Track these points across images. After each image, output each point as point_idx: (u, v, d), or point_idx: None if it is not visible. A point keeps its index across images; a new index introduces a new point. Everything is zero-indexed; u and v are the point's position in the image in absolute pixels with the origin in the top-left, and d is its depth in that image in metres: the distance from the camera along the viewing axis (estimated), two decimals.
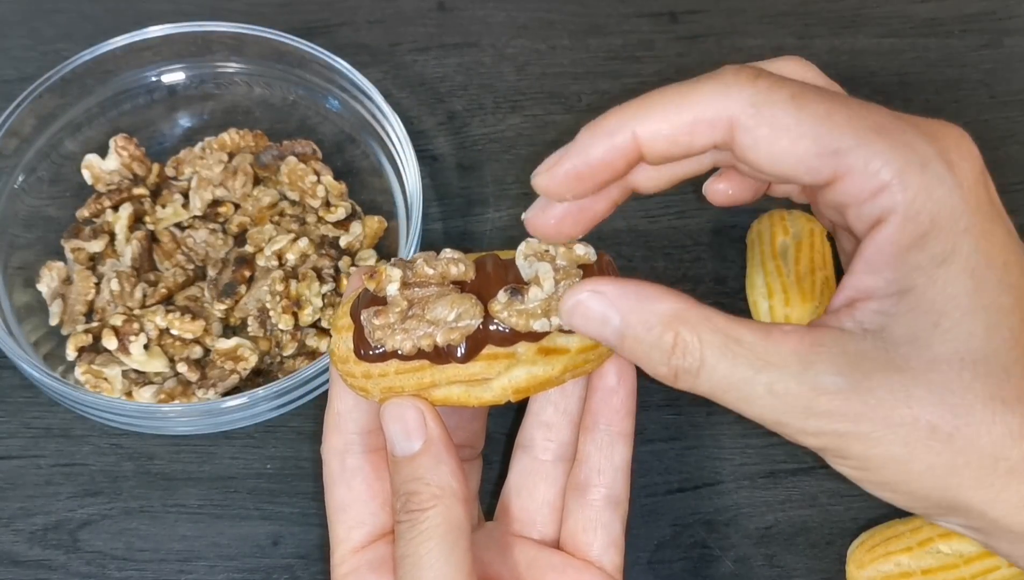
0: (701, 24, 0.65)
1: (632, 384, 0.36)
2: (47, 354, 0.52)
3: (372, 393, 0.33)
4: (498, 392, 0.33)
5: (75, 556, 0.49)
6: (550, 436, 0.38)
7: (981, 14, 0.67)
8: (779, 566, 0.49)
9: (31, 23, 0.65)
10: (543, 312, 0.32)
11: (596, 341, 0.32)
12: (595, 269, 0.34)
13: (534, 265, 0.33)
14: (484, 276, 0.34)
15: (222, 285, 0.54)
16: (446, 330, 0.32)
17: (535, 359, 0.33)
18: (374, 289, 0.33)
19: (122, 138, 0.57)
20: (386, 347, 0.32)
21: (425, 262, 0.33)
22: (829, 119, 0.30)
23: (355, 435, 0.36)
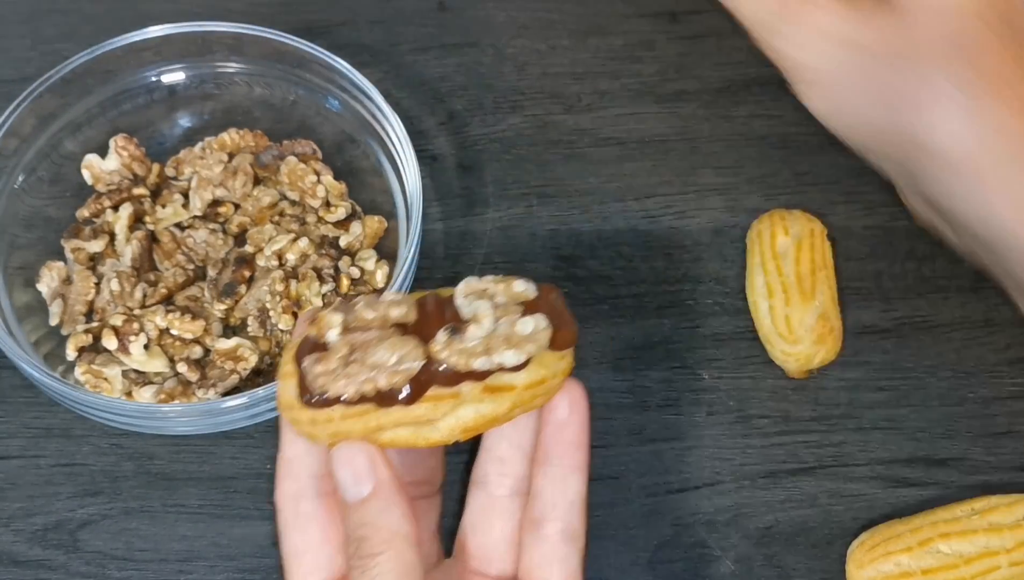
0: (701, 24, 0.65)
1: (584, 416, 0.36)
2: (47, 354, 0.52)
3: (320, 438, 0.33)
4: (446, 432, 0.33)
5: (75, 556, 0.49)
6: (504, 471, 0.37)
7: None
8: (779, 566, 0.49)
9: (31, 23, 0.65)
10: (484, 350, 0.32)
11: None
12: (539, 304, 0.34)
13: (473, 303, 0.33)
14: (425, 317, 0.34)
15: (222, 285, 0.54)
16: (388, 374, 0.32)
17: (481, 397, 0.33)
18: (315, 335, 0.33)
19: (122, 138, 0.57)
20: (329, 393, 0.32)
21: (365, 306, 0.34)
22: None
23: (308, 480, 0.36)
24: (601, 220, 0.59)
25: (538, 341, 0.33)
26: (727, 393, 0.53)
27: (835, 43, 0.40)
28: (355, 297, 0.35)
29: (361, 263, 0.55)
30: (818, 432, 0.52)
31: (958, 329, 0.55)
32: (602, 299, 0.56)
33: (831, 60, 0.41)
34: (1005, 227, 0.38)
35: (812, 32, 0.40)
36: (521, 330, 0.33)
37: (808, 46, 0.41)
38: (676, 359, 0.55)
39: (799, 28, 0.40)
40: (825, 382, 0.54)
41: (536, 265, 0.57)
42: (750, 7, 0.42)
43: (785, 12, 0.41)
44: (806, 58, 0.41)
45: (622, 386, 0.54)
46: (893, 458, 0.52)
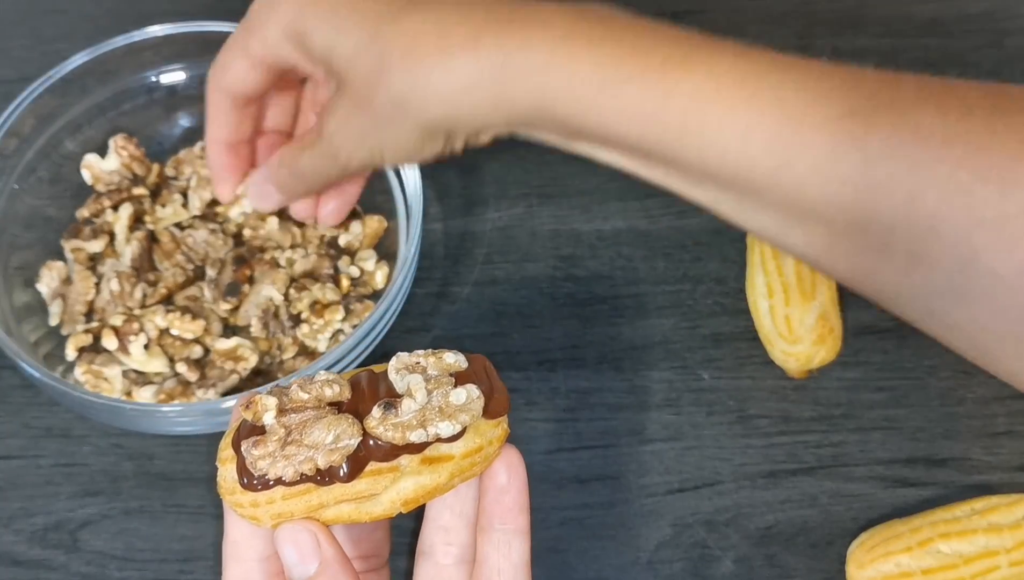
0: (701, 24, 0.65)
1: (523, 480, 0.36)
2: (47, 354, 0.52)
3: (263, 521, 0.34)
4: (387, 506, 0.34)
5: (75, 556, 0.49)
6: (449, 540, 0.37)
7: (981, 14, 0.67)
8: (779, 566, 0.49)
9: (31, 23, 0.65)
10: (419, 423, 0.33)
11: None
12: (470, 374, 0.35)
13: (406, 378, 0.34)
14: (359, 394, 0.34)
15: (224, 285, 0.54)
16: (326, 452, 0.33)
17: (420, 469, 0.33)
18: (251, 419, 0.34)
19: (122, 138, 0.57)
20: (269, 476, 0.33)
21: (299, 387, 0.34)
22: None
23: (254, 563, 0.36)
24: (601, 220, 0.59)
25: (472, 410, 0.34)
26: (727, 393, 0.53)
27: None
28: (287, 381, 0.36)
29: (361, 263, 0.55)
30: (818, 432, 0.52)
31: None
32: (602, 299, 0.56)
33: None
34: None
35: None
36: (454, 401, 0.33)
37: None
38: (676, 359, 0.55)
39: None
40: (825, 382, 0.54)
41: (536, 265, 0.57)
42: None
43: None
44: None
45: (622, 386, 0.54)
46: (893, 458, 0.52)
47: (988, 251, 0.32)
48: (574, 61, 0.37)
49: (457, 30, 0.38)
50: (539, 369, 0.54)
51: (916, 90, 0.36)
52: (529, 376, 0.54)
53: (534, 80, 0.38)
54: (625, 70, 0.37)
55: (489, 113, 0.39)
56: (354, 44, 0.40)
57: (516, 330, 0.56)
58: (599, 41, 0.38)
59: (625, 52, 0.37)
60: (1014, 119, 0.33)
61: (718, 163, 0.37)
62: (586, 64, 0.37)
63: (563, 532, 0.50)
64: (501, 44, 0.38)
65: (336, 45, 0.41)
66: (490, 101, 0.39)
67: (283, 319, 0.53)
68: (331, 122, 0.42)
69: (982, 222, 0.32)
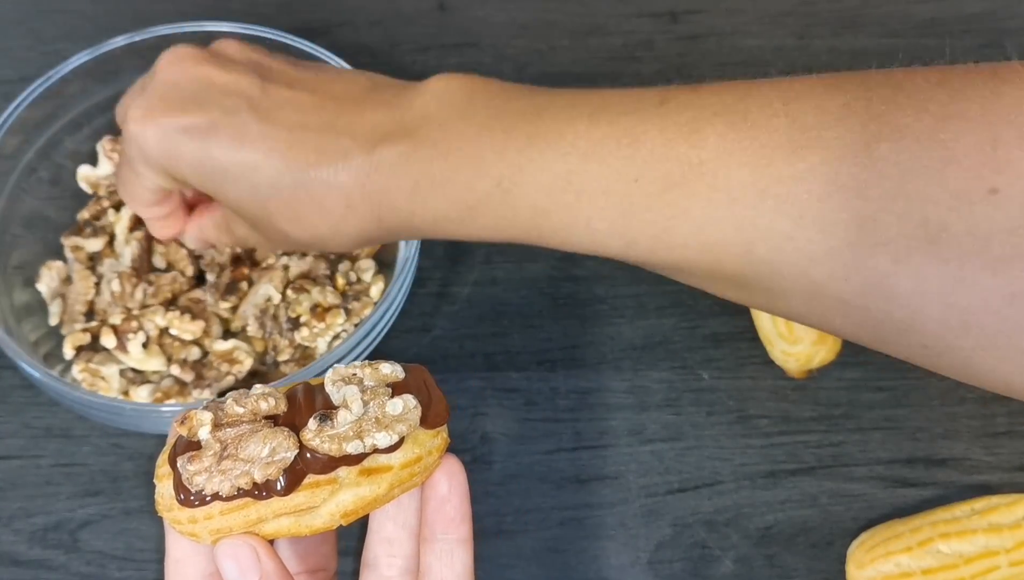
0: (701, 24, 0.65)
1: (464, 489, 0.36)
2: (46, 354, 0.52)
3: (202, 537, 0.34)
4: (327, 518, 0.34)
5: (75, 556, 0.49)
6: (393, 551, 0.37)
7: (981, 14, 0.67)
8: (779, 566, 0.49)
9: (31, 23, 0.65)
10: (355, 434, 0.33)
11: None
12: (408, 385, 0.35)
13: (342, 389, 0.34)
14: (296, 406, 0.34)
15: (223, 286, 0.54)
16: (263, 466, 0.32)
17: (359, 481, 0.33)
18: (186, 434, 0.34)
19: (108, 141, 0.57)
20: (206, 491, 0.33)
21: (234, 401, 0.34)
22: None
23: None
24: None
25: (409, 420, 0.34)
26: (727, 393, 0.53)
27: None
28: (224, 395, 0.36)
29: (358, 273, 0.55)
30: (818, 432, 0.52)
31: None
32: (602, 299, 0.56)
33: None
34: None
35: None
36: (391, 411, 0.33)
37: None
38: (676, 359, 0.55)
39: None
40: (825, 382, 0.54)
41: (536, 265, 0.57)
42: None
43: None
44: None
45: (622, 386, 0.54)
46: (893, 458, 0.52)
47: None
48: (392, 187, 0.40)
49: (307, 201, 0.41)
50: (539, 369, 0.54)
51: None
52: (529, 376, 0.54)
53: (386, 227, 0.42)
54: (461, 180, 0.39)
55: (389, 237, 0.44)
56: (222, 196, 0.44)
57: (516, 330, 0.56)
58: (434, 150, 0.41)
59: (462, 163, 0.40)
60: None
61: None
62: (423, 183, 0.40)
63: (563, 532, 0.50)
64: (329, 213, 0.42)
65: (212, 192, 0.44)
66: (373, 235, 0.43)
67: (281, 321, 0.53)
68: (243, 231, 0.46)
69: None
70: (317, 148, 0.41)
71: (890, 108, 0.32)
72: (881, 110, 0.32)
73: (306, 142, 0.41)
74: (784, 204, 0.33)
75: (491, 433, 0.53)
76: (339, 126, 0.41)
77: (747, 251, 0.34)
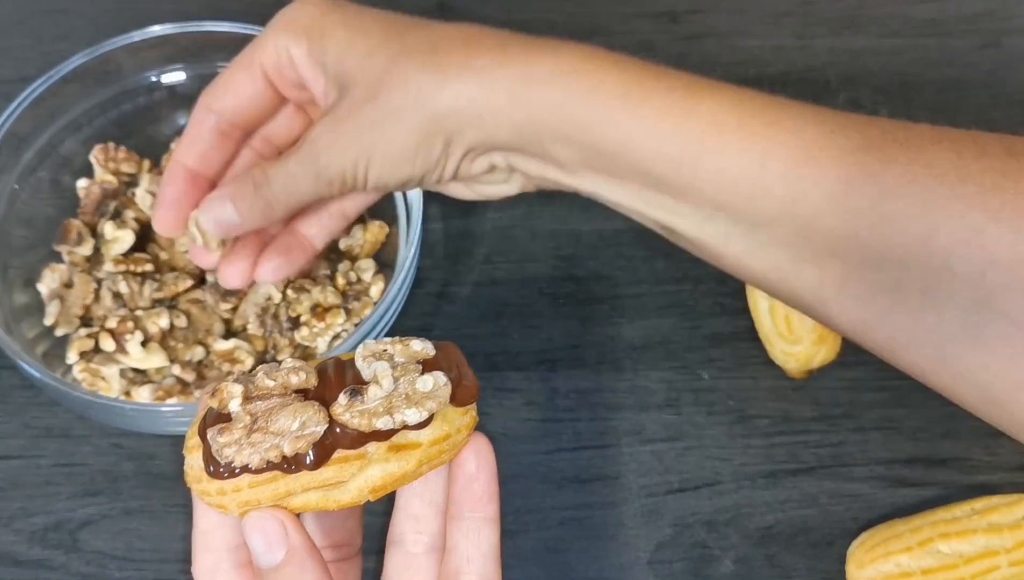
0: (701, 24, 0.65)
1: (492, 468, 0.36)
2: (45, 353, 0.52)
3: (230, 509, 0.34)
4: (355, 493, 0.34)
5: (75, 556, 0.49)
6: (420, 528, 0.37)
7: (981, 14, 0.67)
8: (779, 566, 0.49)
9: (31, 23, 0.65)
10: (385, 410, 0.33)
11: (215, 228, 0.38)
12: (438, 362, 0.35)
13: (372, 365, 0.34)
14: (326, 381, 0.34)
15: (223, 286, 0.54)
16: (292, 440, 0.32)
17: (387, 457, 0.33)
18: (217, 407, 0.34)
19: (99, 150, 0.57)
20: (235, 463, 0.33)
21: (265, 375, 0.34)
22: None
23: (224, 552, 0.36)
24: (602, 220, 0.59)
25: (438, 397, 0.33)
26: (727, 393, 0.53)
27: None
28: (254, 369, 0.36)
29: (358, 273, 0.55)
30: (818, 432, 0.52)
31: None
32: (602, 299, 0.56)
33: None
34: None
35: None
36: (421, 388, 0.33)
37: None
38: (676, 359, 0.55)
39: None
40: (825, 382, 0.54)
41: (536, 265, 0.57)
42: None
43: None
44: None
45: (622, 386, 0.54)
46: (893, 458, 0.52)
47: (1002, 292, 0.32)
48: (599, 72, 0.38)
49: (484, 40, 0.40)
50: (539, 369, 0.54)
51: (930, 131, 0.35)
52: (529, 376, 0.54)
53: (557, 86, 0.38)
54: (648, 85, 0.38)
55: (500, 122, 0.39)
56: (371, 44, 0.40)
57: (516, 330, 0.56)
58: (624, 64, 0.39)
59: (648, 74, 0.38)
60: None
61: (732, 190, 0.36)
62: (610, 78, 0.38)
63: (563, 532, 0.50)
64: (527, 53, 0.39)
65: (352, 45, 0.41)
66: (506, 106, 0.39)
67: (281, 320, 0.53)
68: (318, 126, 0.41)
69: (996, 262, 0.32)
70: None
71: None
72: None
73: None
74: None
75: (491, 433, 0.53)
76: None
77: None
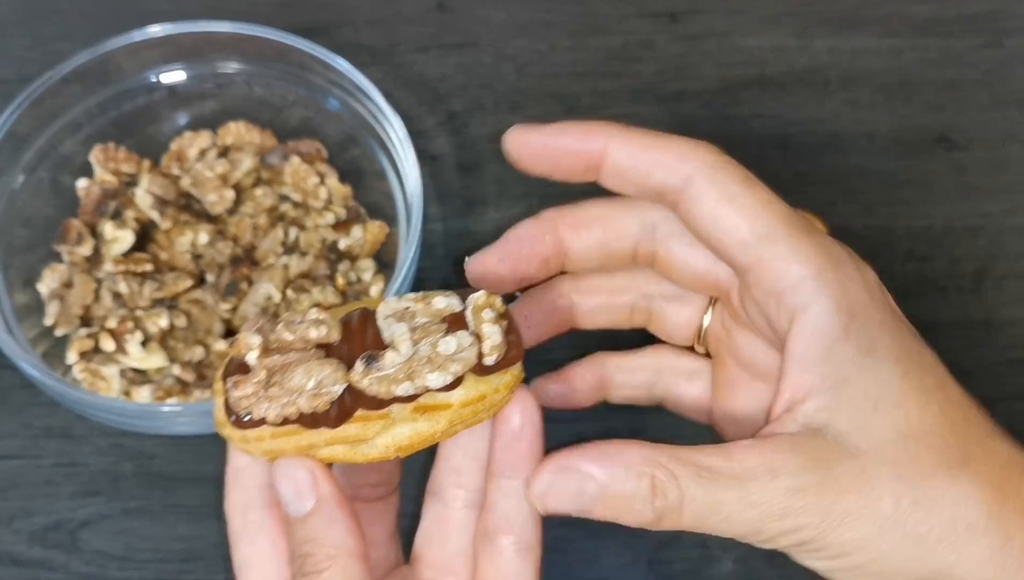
0: (701, 24, 0.65)
1: (538, 426, 0.35)
2: (45, 353, 0.52)
3: (255, 454, 0.33)
4: (383, 449, 0.32)
5: (75, 556, 0.49)
6: (460, 482, 0.37)
7: (981, 14, 0.67)
8: (779, 566, 0.49)
9: (31, 23, 0.65)
10: (406, 376, 0.31)
11: (575, 514, 0.33)
12: (465, 319, 0.33)
13: (391, 327, 0.32)
14: (349, 336, 0.33)
15: (223, 286, 0.54)
16: (309, 398, 0.31)
17: (414, 417, 0.32)
18: (235, 357, 0.33)
19: (99, 151, 0.57)
20: (253, 415, 0.32)
21: (284, 327, 0.33)
22: (770, 206, 0.35)
23: (256, 490, 0.35)
24: None
25: (464, 359, 0.32)
26: None
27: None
28: (276, 317, 0.34)
29: (358, 273, 0.55)
30: None
31: (958, 329, 0.55)
32: None
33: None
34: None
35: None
36: (444, 350, 0.32)
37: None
38: None
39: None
40: None
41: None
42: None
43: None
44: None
45: None
46: None
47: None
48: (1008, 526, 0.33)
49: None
50: (539, 369, 0.54)
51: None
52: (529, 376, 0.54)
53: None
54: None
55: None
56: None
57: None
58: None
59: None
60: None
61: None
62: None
63: (563, 532, 0.50)
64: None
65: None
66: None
67: None
68: (791, 495, 0.32)
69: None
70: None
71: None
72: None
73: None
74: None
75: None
76: None
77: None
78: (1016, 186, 0.60)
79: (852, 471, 0.32)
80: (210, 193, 0.55)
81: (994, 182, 0.60)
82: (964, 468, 0.33)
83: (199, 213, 0.56)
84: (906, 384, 0.33)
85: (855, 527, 0.32)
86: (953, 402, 0.35)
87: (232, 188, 0.56)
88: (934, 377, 0.35)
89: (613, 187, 0.38)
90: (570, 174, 0.38)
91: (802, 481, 0.32)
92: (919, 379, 0.34)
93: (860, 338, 0.33)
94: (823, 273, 0.34)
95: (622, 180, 0.38)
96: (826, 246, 0.35)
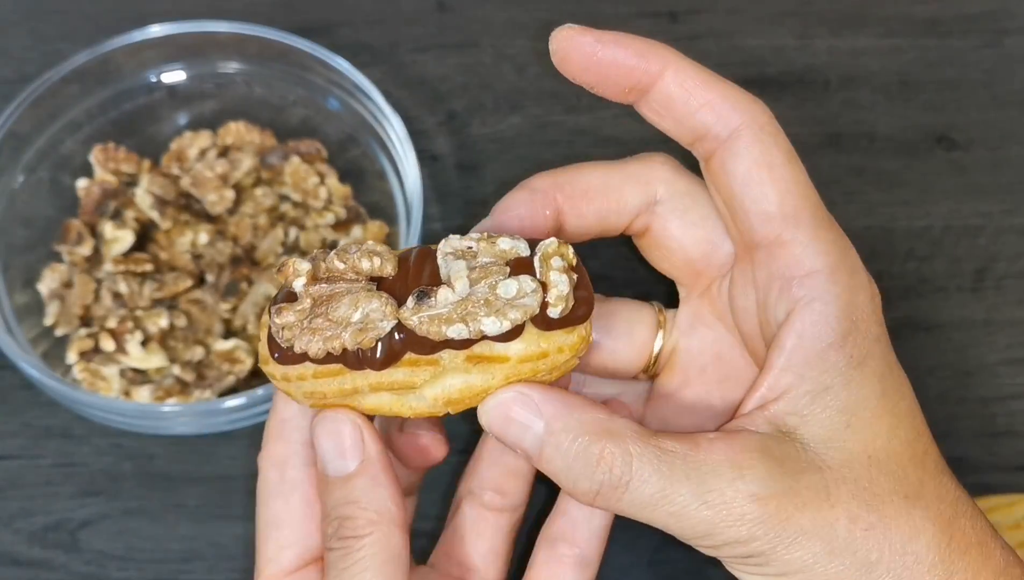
0: (701, 24, 0.65)
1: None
2: (45, 353, 0.52)
3: (296, 397, 0.31)
4: (431, 402, 0.30)
5: (75, 556, 0.49)
6: (504, 488, 0.36)
7: (981, 14, 0.66)
8: None
9: (31, 23, 0.65)
10: (459, 317, 0.28)
11: (512, 448, 0.30)
12: (532, 264, 0.30)
13: (450, 264, 0.30)
14: (404, 272, 0.30)
15: (223, 286, 0.54)
16: (354, 332, 0.28)
17: (467, 367, 0.29)
18: (282, 283, 0.30)
19: (99, 151, 0.57)
20: (295, 348, 0.29)
21: (336, 256, 0.30)
22: (805, 188, 0.33)
23: (299, 446, 0.33)
24: None
25: (525, 306, 0.29)
26: None
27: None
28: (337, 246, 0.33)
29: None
30: None
31: (958, 329, 0.55)
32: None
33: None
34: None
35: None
36: (503, 293, 0.29)
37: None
38: None
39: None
40: None
41: None
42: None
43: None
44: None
45: None
46: None
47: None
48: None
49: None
50: None
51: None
52: None
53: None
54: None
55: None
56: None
57: None
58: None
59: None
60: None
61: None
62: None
63: None
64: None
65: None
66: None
67: None
68: (755, 499, 0.30)
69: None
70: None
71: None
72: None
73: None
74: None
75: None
76: None
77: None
78: (1016, 186, 0.60)
79: (815, 486, 0.30)
80: (210, 193, 0.55)
81: (994, 182, 0.60)
82: (918, 501, 0.32)
83: (199, 213, 0.56)
84: (882, 405, 0.32)
85: (807, 546, 0.30)
86: (919, 433, 0.34)
87: (232, 188, 0.56)
88: (907, 404, 0.33)
89: (650, 116, 0.35)
90: (613, 91, 0.35)
91: (767, 488, 0.30)
92: (895, 402, 0.32)
93: (855, 349, 0.31)
94: (836, 273, 0.32)
95: (665, 111, 0.35)
96: (846, 248, 0.33)
